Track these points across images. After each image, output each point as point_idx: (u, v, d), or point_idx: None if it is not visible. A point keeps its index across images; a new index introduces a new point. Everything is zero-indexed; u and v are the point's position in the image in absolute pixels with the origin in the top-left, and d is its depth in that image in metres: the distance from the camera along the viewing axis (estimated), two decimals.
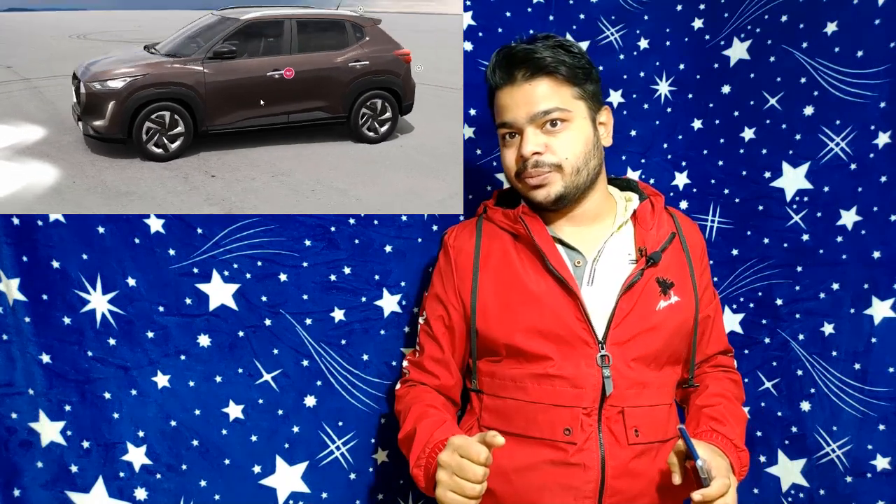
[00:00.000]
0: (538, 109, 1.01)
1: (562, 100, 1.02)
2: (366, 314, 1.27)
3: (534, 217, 1.06)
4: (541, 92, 1.01)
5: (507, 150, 1.06)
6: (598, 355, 1.00)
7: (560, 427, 1.00)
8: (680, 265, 1.08)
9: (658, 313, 1.03)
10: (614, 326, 1.01)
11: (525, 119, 1.01)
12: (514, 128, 1.03)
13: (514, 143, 1.05)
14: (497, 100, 1.06)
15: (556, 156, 1.02)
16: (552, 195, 1.03)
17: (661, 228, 1.08)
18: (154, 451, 1.21)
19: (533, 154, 1.01)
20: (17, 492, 1.19)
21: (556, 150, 1.02)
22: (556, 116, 1.01)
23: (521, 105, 1.02)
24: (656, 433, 1.03)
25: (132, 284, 1.17)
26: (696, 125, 1.43)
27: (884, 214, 1.28)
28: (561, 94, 1.02)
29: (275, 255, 1.22)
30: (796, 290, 1.37)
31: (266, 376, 1.24)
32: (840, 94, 1.29)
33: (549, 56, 1.01)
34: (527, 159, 1.02)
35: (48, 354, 1.16)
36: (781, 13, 1.32)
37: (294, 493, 1.27)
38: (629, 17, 1.38)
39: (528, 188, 1.05)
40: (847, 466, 1.33)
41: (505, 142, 1.07)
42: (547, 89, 1.01)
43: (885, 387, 1.30)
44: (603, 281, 1.04)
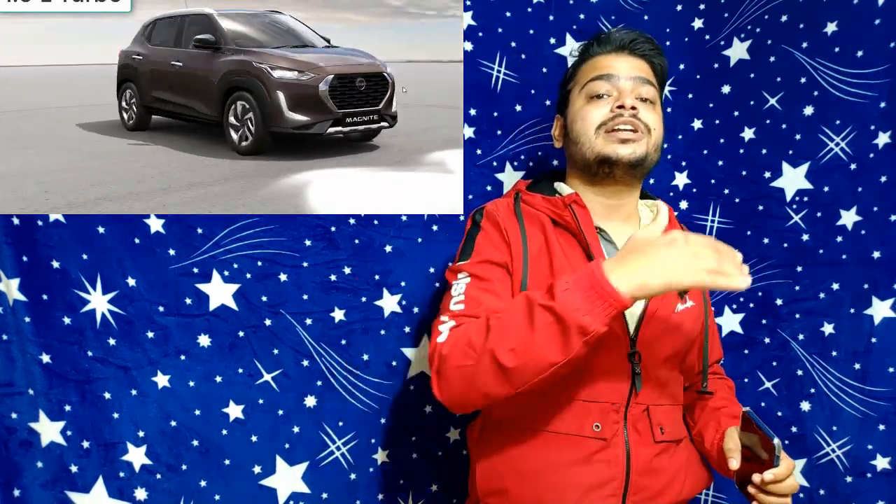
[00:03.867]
0: (642, 75, 1.05)
1: (655, 83, 1.07)
2: (366, 314, 1.27)
3: (583, 207, 1.05)
4: (644, 67, 1.07)
5: (594, 107, 1.05)
6: (629, 352, 1.00)
7: (590, 422, 0.98)
8: None
9: (677, 315, 1.04)
10: (645, 325, 1.01)
11: (628, 79, 1.04)
12: (612, 85, 1.04)
13: (606, 103, 1.04)
14: (594, 62, 1.08)
15: (647, 120, 1.03)
16: (637, 153, 1.02)
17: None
18: (154, 451, 1.21)
19: (633, 108, 1.02)
20: (17, 492, 1.19)
21: (647, 118, 1.03)
22: (652, 94, 1.06)
23: (628, 68, 1.05)
24: (676, 431, 1.04)
25: (132, 284, 1.17)
26: (696, 125, 1.43)
27: (884, 214, 1.28)
28: (654, 78, 1.08)
29: (275, 255, 1.22)
30: (796, 290, 1.37)
31: (266, 376, 1.24)
32: (840, 94, 1.29)
33: (655, 46, 1.08)
34: (626, 108, 1.01)
35: (48, 354, 1.16)
36: (781, 13, 1.32)
37: (294, 494, 1.27)
38: (629, 17, 1.38)
39: (611, 141, 1.02)
40: (847, 466, 1.33)
41: (593, 101, 1.05)
42: (647, 69, 1.07)
43: (885, 387, 1.30)
44: None
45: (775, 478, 0.86)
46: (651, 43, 1.08)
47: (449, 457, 1.37)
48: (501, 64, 1.31)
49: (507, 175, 1.35)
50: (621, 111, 1.02)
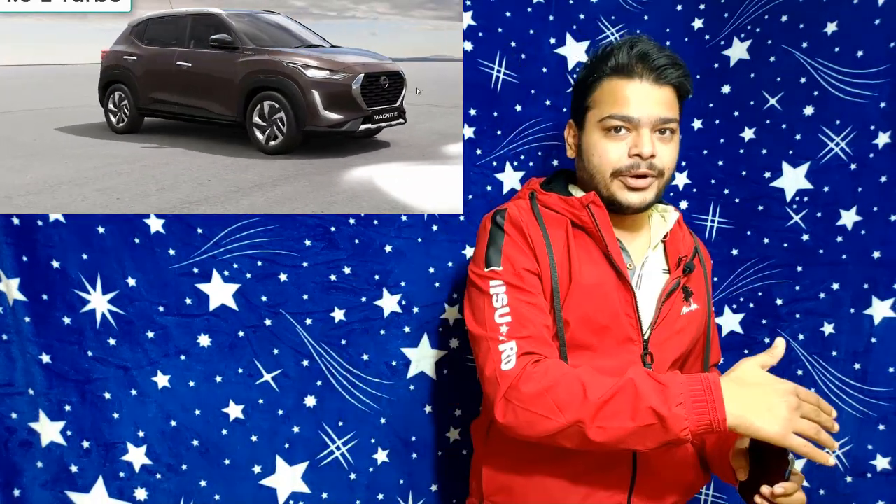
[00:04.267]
0: (664, 115, 0.99)
1: (676, 112, 1.02)
2: (366, 314, 1.27)
3: (602, 208, 1.04)
4: (667, 99, 1.00)
5: (612, 144, 1.01)
6: (642, 353, 1.01)
7: None
8: (698, 275, 1.10)
9: (682, 318, 1.05)
10: (657, 327, 1.02)
11: (648, 119, 0.99)
12: (631, 124, 1.00)
13: (623, 139, 1.01)
14: (613, 88, 1.01)
15: (662, 163, 1.01)
16: (647, 200, 1.02)
17: (686, 240, 1.11)
18: (154, 451, 1.21)
19: (650, 156, 0.99)
20: (17, 492, 1.19)
21: (663, 159, 1.01)
22: (671, 127, 1.01)
23: (649, 104, 0.99)
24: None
25: (132, 284, 1.17)
26: (696, 125, 1.43)
27: (884, 214, 1.28)
28: (676, 106, 1.02)
29: (275, 255, 1.22)
30: (796, 290, 1.37)
31: (266, 376, 1.24)
32: (840, 94, 1.29)
33: (681, 70, 1.01)
34: (644, 158, 0.99)
35: (48, 354, 1.16)
36: (781, 13, 1.32)
37: (294, 494, 1.27)
38: (629, 17, 1.38)
39: (624, 188, 1.01)
40: (847, 466, 1.33)
41: (609, 134, 1.01)
42: (669, 98, 1.01)
43: (885, 387, 1.30)
44: (646, 287, 1.05)
45: (785, 492, 0.86)
46: (678, 69, 1.01)
47: (449, 457, 1.37)
48: (501, 64, 1.31)
49: (507, 175, 1.35)
50: (639, 161, 1.00)
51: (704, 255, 1.15)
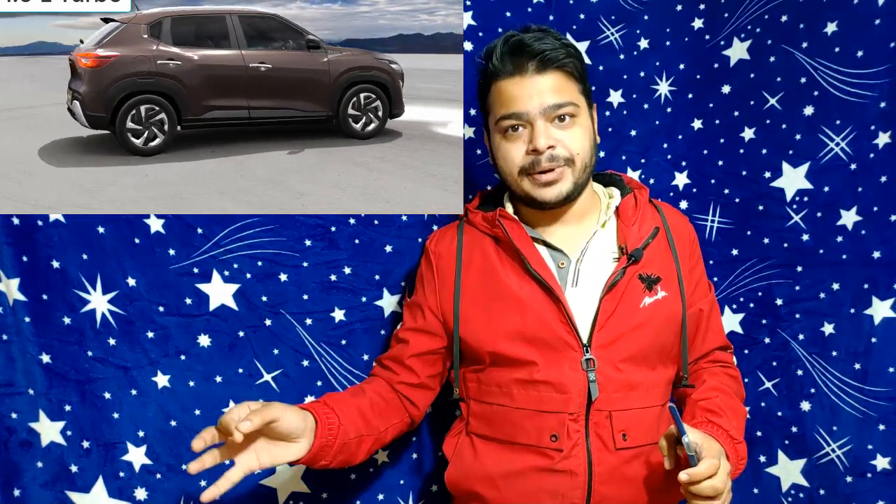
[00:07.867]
0: (552, 102, 0.98)
1: (571, 94, 1.00)
2: (366, 314, 1.27)
3: (512, 220, 1.04)
4: (553, 84, 0.98)
5: (511, 144, 1.01)
6: (582, 359, 0.98)
7: (547, 433, 0.99)
8: (666, 259, 1.06)
9: (643, 310, 1.02)
10: (598, 328, 0.99)
11: (537, 111, 0.97)
12: (522, 120, 0.99)
13: (520, 137, 1.00)
14: (499, 90, 1.00)
15: (568, 151, 0.99)
16: (563, 192, 1.00)
17: (645, 223, 1.06)
18: (154, 451, 1.21)
19: (548, 147, 0.98)
20: (17, 492, 1.19)
21: (567, 145, 0.99)
22: (568, 111, 0.98)
23: (533, 96, 0.97)
24: (647, 436, 1.01)
25: (132, 284, 1.17)
26: (696, 125, 1.43)
27: (884, 214, 1.28)
28: (569, 88, 1.00)
29: (275, 255, 1.22)
30: (796, 290, 1.37)
31: (266, 376, 1.24)
32: (840, 94, 1.29)
33: (562, 50, 0.99)
34: (541, 153, 0.97)
35: (48, 354, 1.16)
36: (781, 13, 1.32)
37: (294, 494, 1.27)
38: (629, 17, 1.38)
39: (535, 185, 1.00)
40: (847, 466, 1.33)
41: (507, 135, 1.01)
42: (558, 82, 0.99)
43: (885, 387, 1.30)
44: (587, 281, 1.02)
45: (690, 478, 0.82)
46: (559, 49, 0.98)
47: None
48: None
49: None
50: (537, 156, 0.98)
51: (679, 231, 1.10)
